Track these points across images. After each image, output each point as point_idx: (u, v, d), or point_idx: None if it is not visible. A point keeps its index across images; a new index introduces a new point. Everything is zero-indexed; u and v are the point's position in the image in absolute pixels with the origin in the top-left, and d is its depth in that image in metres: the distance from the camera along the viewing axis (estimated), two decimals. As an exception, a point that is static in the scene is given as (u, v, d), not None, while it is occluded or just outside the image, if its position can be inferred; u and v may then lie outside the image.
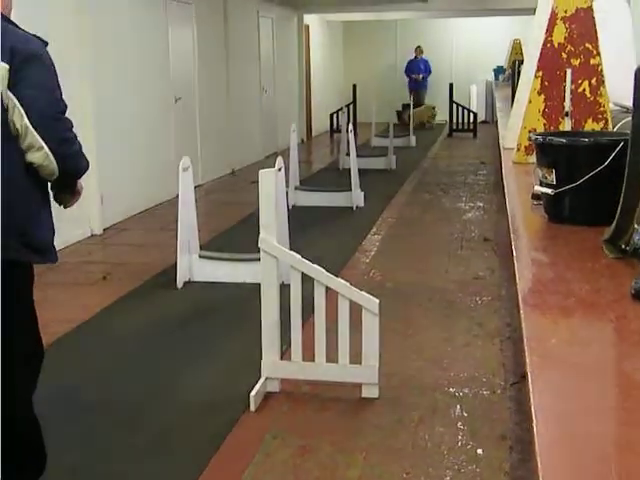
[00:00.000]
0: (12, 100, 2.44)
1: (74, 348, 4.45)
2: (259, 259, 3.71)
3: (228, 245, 6.34)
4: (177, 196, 5.74)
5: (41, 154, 2.51)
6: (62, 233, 6.81)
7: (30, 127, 2.47)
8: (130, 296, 5.41)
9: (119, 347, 4.45)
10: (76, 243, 6.95)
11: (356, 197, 8.40)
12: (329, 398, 3.70)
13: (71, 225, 6.99)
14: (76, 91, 7.09)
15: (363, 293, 3.61)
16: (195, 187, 5.93)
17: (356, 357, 3.65)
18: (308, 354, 3.68)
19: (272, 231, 3.62)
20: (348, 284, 3.63)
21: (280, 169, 5.19)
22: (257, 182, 3.66)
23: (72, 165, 2.67)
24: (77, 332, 4.68)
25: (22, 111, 2.46)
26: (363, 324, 3.59)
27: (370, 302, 3.59)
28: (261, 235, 3.62)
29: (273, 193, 3.64)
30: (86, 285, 5.74)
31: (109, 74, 7.69)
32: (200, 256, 5.72)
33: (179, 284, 5.54)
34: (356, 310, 3.60)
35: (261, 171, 3.65)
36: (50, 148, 2.52)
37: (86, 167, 2.72)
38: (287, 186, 7.49)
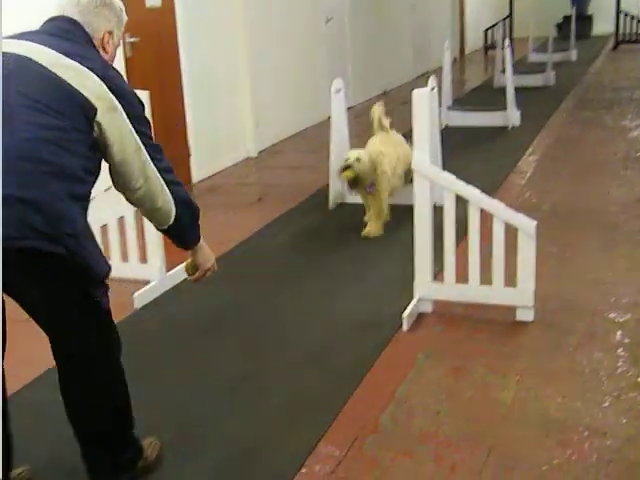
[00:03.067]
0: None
1: (233, 267, 4.64)
2: (412, 180, 3.69)
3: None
4: (328, 118, 5.77)
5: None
6: (219, 156, 7.12)
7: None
8: (285, 217, 5.55)
9: (276, 267, 4.60)
10: (233, 166, 7.17)
11: (512, 116, 8.13)
12: (482, 320, 3.67)
13: (228, 148, 7.22)
14: (228, 18, 7.21)
15: (519, 214, 3.52)
16: (347, 109, 5.92)
17: (511, 280, 3.59)
18: (461, 276, 3.65)
19: (425, 152, 3.57)
20: (503, 205, 3.54)
21: (433, 89, 5.07)
22: (409, 103, 3.60)
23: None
24: (235, 251, 4.87)
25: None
26: (519, 246, 3.51)
27: (526, 224, 3.49)
28: (414, 156, 3.58)
29: (427, 113, 3.57)
30: (243, 206, 5.94)
31: (261, -3, 7.74)
32: (352, 178, 5.75)
33: (331, 206, 5.62)
34: (511, 232, 3.52)
35: (415, 91, 3.59)
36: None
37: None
38: (440, 106, 7.34)
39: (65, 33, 2.27)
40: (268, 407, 3.02)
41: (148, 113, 4.06)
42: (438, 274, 3.81)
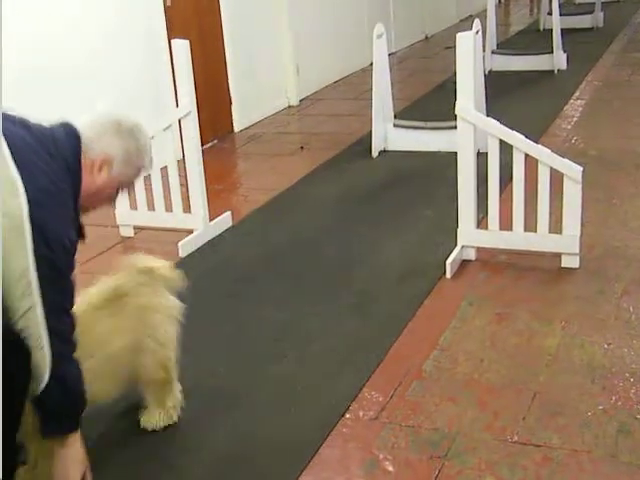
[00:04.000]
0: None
1: (275, 215, 4.66)
2: (455, 127, 3.64)
3: (423, 113, 6.25)
4: (370, 65, 5.70)
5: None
6: (261, 105, 7.10)
7: None
8: (327, 165, 5.53)
9: (318, 215, 4.60)
10: (274, 114, 7.14)
11: (558, 59, 7.93)
12: (526, 267, 3.65)
13: (269, 97, 7.19)
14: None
15: (565, 160, 3.46)
16: (388, 55, 5.83)
17: (556, 226, 3.55)
18: (505, 223, 3.62)
19: (469, 97, 3.51)
20: (549, 151, 3.49)
21: (477, 32, 4.97)
22: (452, 47, 3.54)
23: None
24: (278, 200, 4.89)
25: None
26: (564, 192, 3.46)
27: (572, 169, 3.43)
28: (458, 102, 3.53)
29: (471, 57, 3.50)
30: (285, 155, 5.93)
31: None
32: (395, 125, 5.71)
33: (374, 153, 5.59)
34: (556, 178, 3.46)
35: (458, 35, 3.51)
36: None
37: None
38: (484, 50, 7.20)
39: (51, 141, 2.05)
40: (313, 354, 3.05)
41: (187, 63, 4.09)
42: (482, 221, 3.78)
